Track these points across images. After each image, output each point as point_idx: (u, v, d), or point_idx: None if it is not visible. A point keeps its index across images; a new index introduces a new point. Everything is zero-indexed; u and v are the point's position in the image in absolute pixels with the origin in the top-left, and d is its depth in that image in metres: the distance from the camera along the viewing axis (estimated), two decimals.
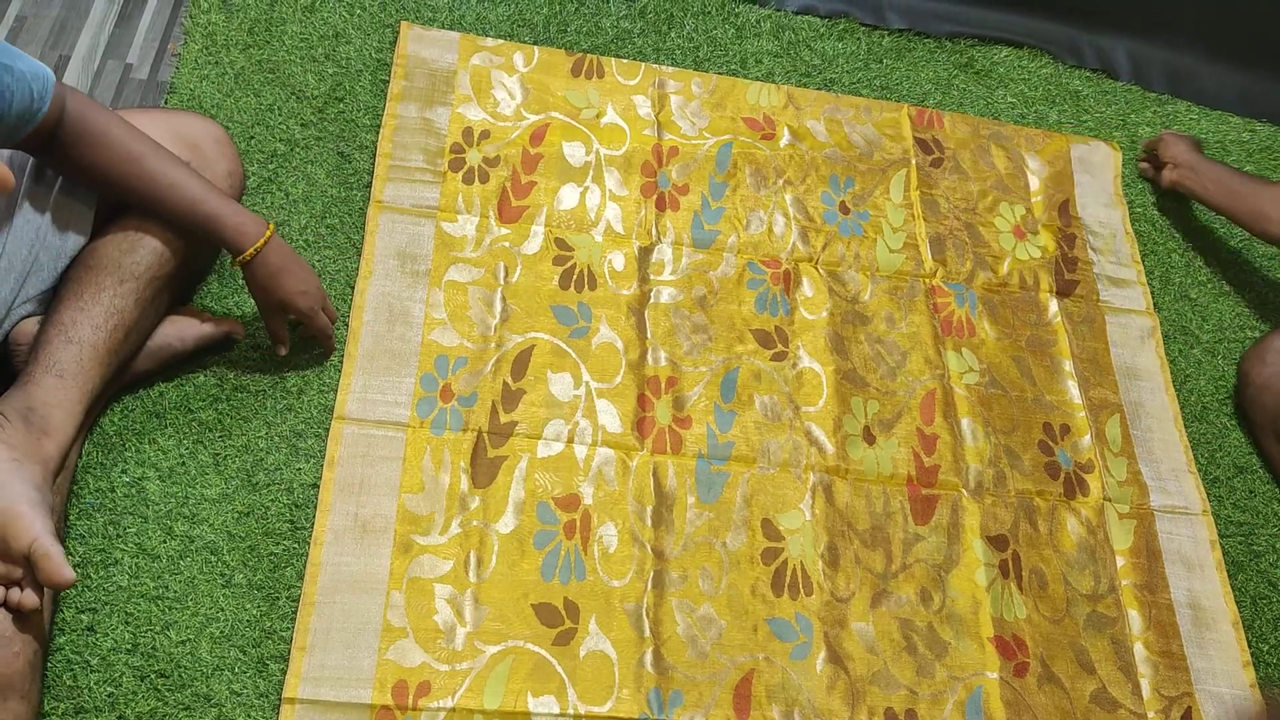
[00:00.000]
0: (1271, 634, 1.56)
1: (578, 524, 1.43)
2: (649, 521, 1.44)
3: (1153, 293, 1.85)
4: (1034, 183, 1.92)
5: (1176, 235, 1.94)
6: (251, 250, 1.30)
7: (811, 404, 1.60)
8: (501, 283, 1.58)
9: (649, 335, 1.60)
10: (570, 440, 1.48)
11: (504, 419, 1.47)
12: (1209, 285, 1.90)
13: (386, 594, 1.31)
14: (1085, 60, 2.13)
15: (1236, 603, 1.57)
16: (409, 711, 1.25)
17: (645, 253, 1.67)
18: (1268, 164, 2.07)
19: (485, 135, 1.70)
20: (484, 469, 1.43)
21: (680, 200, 1.74)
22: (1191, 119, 2.10)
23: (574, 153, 1.73)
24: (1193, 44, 2.14)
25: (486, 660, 1.30)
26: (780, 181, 1.80)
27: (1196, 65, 2.15)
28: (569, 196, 1.69)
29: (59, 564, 1.09)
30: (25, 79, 1.14)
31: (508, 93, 1.75)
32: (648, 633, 1.37)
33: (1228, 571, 1.59)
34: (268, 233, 1.31)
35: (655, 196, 1.73)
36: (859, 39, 2.03)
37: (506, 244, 1.62)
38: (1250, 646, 1.54)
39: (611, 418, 1.51)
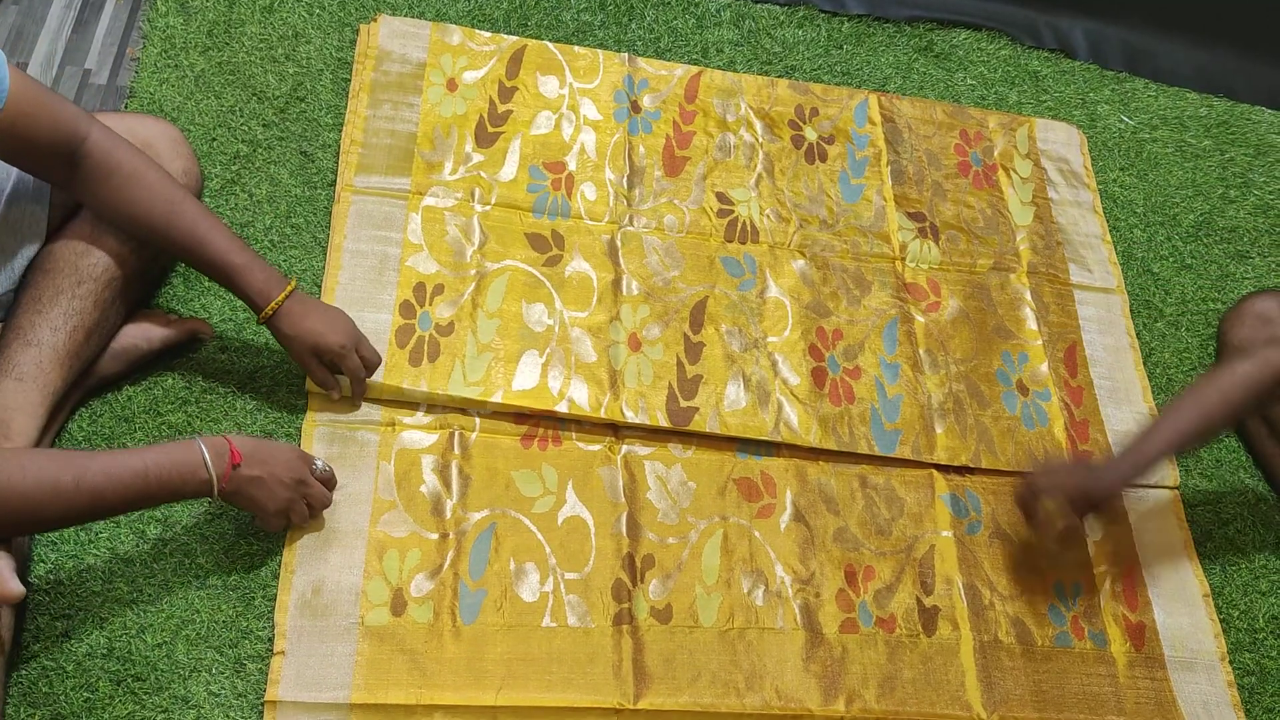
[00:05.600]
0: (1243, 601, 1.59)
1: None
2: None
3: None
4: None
5: (1137, 211, 1.96)
6: (272, 306, 1.28)
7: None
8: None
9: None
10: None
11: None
12: (1170, 260, 1.92)
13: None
14: (1043, 40, 2.15)
15: (1206, 575, 1.59)
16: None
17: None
18: (1225, 138, 2.09)
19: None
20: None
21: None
22: (1149, 96, 2.12)
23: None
24: (1148, 21, 2.16)
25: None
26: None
27: (1153, 42, 2.17)
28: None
29: (5, 578, 1.08)
30: None
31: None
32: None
33: (1195, 544, 1.61)
34: (290, 286, 1.30)
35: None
36: (819, 25, 2.04)
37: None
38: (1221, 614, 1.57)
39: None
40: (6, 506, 1.01)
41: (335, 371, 1.38)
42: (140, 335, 1.38)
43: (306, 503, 1.27)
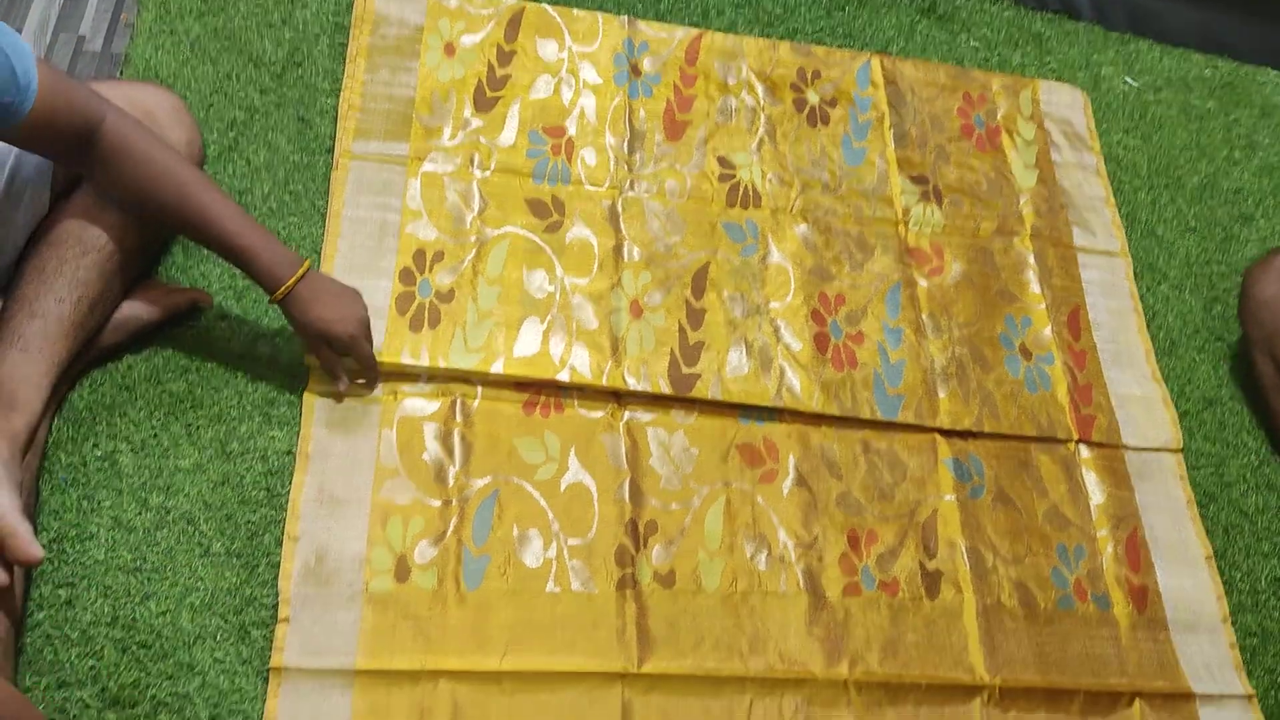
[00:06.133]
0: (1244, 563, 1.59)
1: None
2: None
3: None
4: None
5: (1141, 174, 1.95)
6: (283, 289, 1.27)
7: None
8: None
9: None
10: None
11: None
12: (1174, 223, 1.91)
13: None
14: (1046, 2, 2.12)
15: (1209, 537, 1.59)
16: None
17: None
18: (1230, 100, 2.08)
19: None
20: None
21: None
22: (1153, 57, 2.10)
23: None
24: None
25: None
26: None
27: (1156, 3, 2.14)
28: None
29: (27, 541, 1.09)
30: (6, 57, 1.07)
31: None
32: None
33: (1198, 506, 1.61)
34: (302, 269, 1.28)
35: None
36: None
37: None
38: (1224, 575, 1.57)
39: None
40: None
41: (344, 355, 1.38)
42: (140, 306, 1.37)
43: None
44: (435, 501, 1.37)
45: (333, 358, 1.36)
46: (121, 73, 1.59)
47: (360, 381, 1.42)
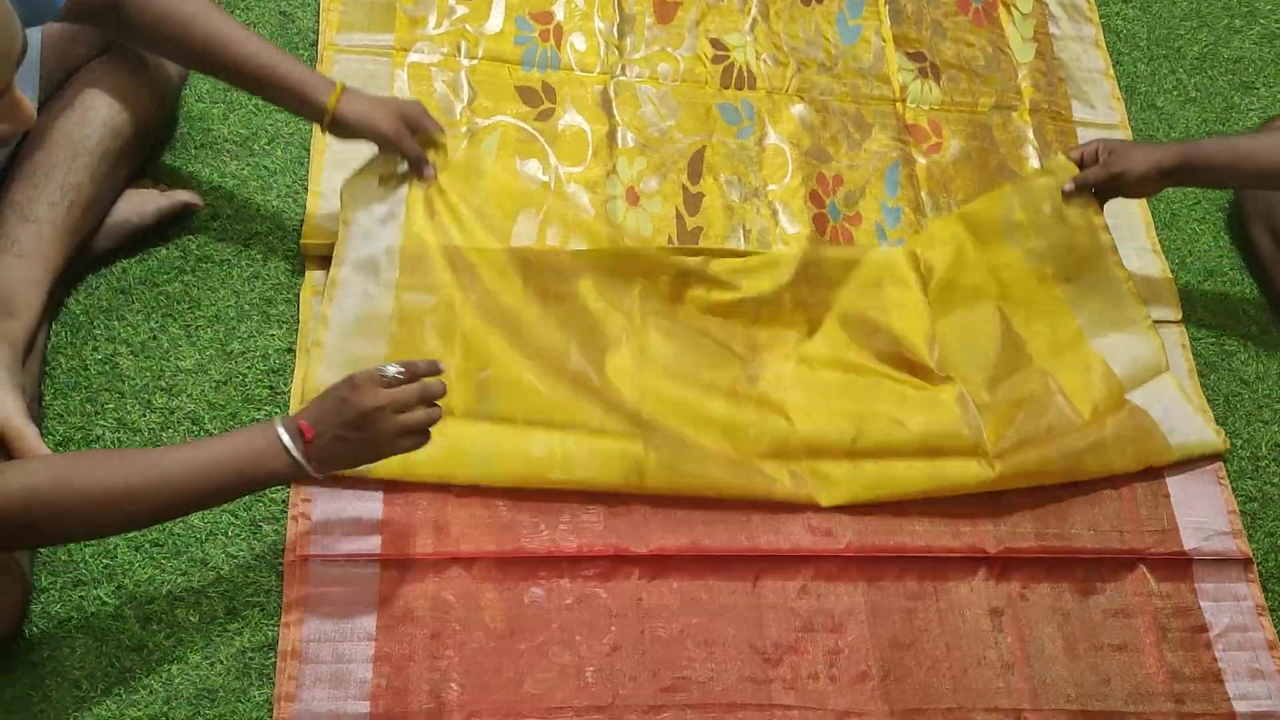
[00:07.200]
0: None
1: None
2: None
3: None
4: None
5: (1140, 44, 1.91)
6: (338, 90, 1.28)
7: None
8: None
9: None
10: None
11: None
12: (1174, 93, 1.88)
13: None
14: None
15: (1210, 405, 1.60)
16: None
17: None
18: None
19: None
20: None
21: None
22: None
23: None
24: None
25: None
26: None
27: None
28: None
29: (33, 443, 1.10)
30: None
31: None
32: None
33: (1199, 374, 1.62)
34: (339, 88, 1.29)
35: None
36: None
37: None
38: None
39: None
40: (78, 511, 0.98)
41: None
42: (133, 210, 1.36)
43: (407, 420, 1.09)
44: None
45: (415, 145, 1.35)
46: None
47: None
